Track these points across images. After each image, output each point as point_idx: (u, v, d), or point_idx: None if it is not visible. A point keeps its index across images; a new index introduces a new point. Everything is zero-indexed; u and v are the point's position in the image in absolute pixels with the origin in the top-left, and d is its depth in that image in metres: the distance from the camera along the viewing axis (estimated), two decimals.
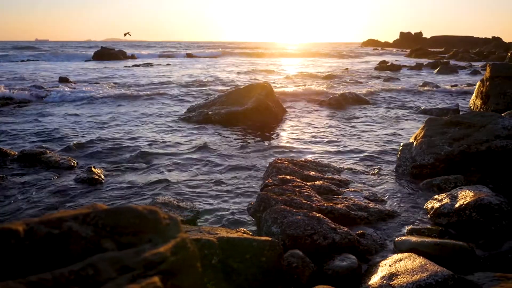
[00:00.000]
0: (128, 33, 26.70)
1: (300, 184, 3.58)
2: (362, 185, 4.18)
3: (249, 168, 4.89)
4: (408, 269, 2.30)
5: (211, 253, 2.09)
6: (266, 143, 6.11)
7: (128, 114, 8.57)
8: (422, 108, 9.16)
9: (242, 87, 8.69)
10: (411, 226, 3.17)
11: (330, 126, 7.41)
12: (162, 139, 6.31)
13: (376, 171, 4.71)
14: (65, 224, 0.76)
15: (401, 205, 3.74)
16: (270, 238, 2.29)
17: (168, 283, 0.75)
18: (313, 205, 3.17)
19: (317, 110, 9.13)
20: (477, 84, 8.96)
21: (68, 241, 0.74)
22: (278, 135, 6.69)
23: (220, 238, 2.17)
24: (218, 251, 2.12)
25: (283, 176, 3.72)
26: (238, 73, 19.95)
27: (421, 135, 4.88)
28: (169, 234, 0.83)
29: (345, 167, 4.73)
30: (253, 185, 4.30)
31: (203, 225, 3.40)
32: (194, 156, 5.40)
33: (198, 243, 2.10)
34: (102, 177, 4.49)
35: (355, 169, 4.69)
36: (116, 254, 0.72)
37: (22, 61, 28.61)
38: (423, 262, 2.32)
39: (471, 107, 9.00)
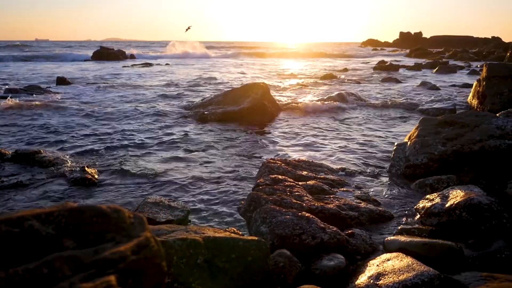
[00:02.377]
0: (189, 27, 26.16)
1: (291, 183, 3.58)
2: (355, 184, 4.18)
3: (242, 168, 4.89)
4: (395, 268, 2.30)
5: (196, 253, 2.09)
6: (261, 143, 6.11)
7: (123, 113, 8.56)
8: (419, 108, 9.16)
9: (238, 87, 8.69)
10: (401, 226, 3.17)
11: (325, 126, 7.40)
12: (157, 138, 6.31)
13: (369, 171, 4.71)
14: (27, 222, 0.76)
15: (393, 205, 3.74)
16: (256, 238, 2.28)
17: (129, 282, 0.75)
18: (304, 204, 3.17)
19: (313, 110, 9.12)
20: (474, 84, 8.97)
21: (28, 240, 0.74)
22: (273, 134, 6.69)
23: (206, 237, 2.17)
24: (203, 251, 2.12)
25: (275, 175, 3.72)
26: (236, 72, 19.96)
27: (415, 135, 4.88)
28: (133, 233, 0.83)
29: (338, 167, 4.73)
30: (246, 185, 4.30)
31: (194, 224, 3.41)
32: (188, 155, 5.40)
33: (184, 242, 2.10)
34: (96, 176, 4.49)
35: (348, 169, 4.69)
36: (74, 253, 0.72)
37: (22, 60, 28.61)
38: (410, 262, 2.32)
39: (468, 107, 9.00)
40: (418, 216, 3.35)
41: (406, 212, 3.55)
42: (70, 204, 0.94)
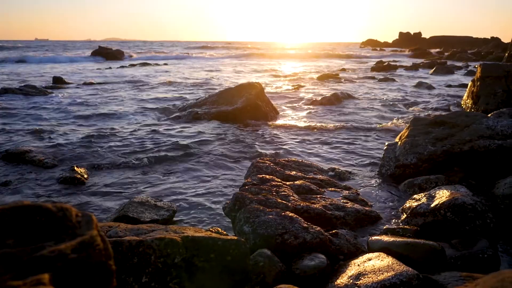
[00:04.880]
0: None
1: (278, 183, 3.57)
2: (344, 185, 4.17)
3: (233, 168, 4.89)
4: (375, 268, 2.30)
5: (174, 252, 2.09)
6: (253, 143, 6.10)
7: (117, 113, 8.54)
8: (412, 107, 9.16)
9: (233, 87, 8.68)
10: (386, 225, 3.17)
11: (318, 125, 7.39)
12: (149, 138, 6.30)
13: (359, 171, 4.71)
14: None
15: (381, 205, 3.74)
16: (236, 237, 2.28)
17: (69, 280, 0.75)
18: (289, 204, 3.16)
19: (308, 110, 9.12)
20: (469, 84, 8.97)
21: None
22: (266, 134, 6.68)
23: (185, 237, 2.16)
24: (181, 250, 2.11)
25: (263, 175, 3.71)
26: (233, 72, 19.97)
27: (405, 134, 4.88)
28: (79, 232, 0.83)
29: (328, 167, 4.72)
30: (235, 185, 4.30)
31: (181, 224, 3.40)
32: (179, 155, 5.39)
33: (161, 242, 2.10)
34: (85, 176, 4.48)
35: (338, 168, 4.68)
36: (9, 251, 0.72)
37: (20, 60, 28.56)
38: (390, 262, 2.32)
39: (462, 107, 9.00)
40: (404, 216, 3.35)
41: (393, 212, 3.55)
42: (25, 202, 0.93)
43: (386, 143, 5.04)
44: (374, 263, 2.37)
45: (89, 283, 0.80)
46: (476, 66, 23.49)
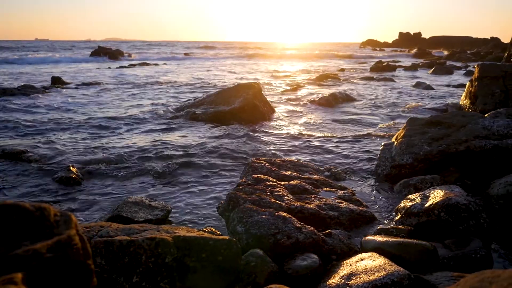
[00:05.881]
0: None
1: (273, 183, 3.57)
2: (339, 185, 4.17)
3: (229, 168, 4.88)
4: (367, 268, 2.30)
5: (165, 252, 2.09)
6: (250, 143, 6.10)
7: (114, 113, 8.54)
8: (409, 107, 9.16)
9: (231, 87, 8.69)
10: (381, 225, 3.17)
11: (316, 126, 7.40)
12: (145, 139, 6.30)
13: (355, 171, 4.71)
14: None
15: (376, 205, 3.74)
16: (227, 237, 2.28)
17: (44, 280, 0.75)
18: (283, 204, 3.16)
19: (306, 110, 9.13)
20: (467, 84, 8.97)
21: None
22: (263, 134, 6.68)
23: (176, 237, 2.16)
24: (172, 250, 2.11)
25: (258, 175, 3.71)
26: (232, 72, 19.98)
27: (401, 134, 4.88)
28: (56, 231, 0.83)
29: (324, 167, 4.72)
30: (231, 185, 4.30)
31: (175, 224, 3.40)
32: (176, 155, 5.38)
33: (152, 242, 2.10)
34: (81, 176, 4.48)
35: (334, 168, 4.68)
36: None
37: (20, 60, 28.54)
38: (382, 262, 2.32)
39: (460, 107, 8.99)
40: (399, 216, 3.35)
41: (388, 212, 3.55)
42: (7, 202, 0.93)
43: (383, 143, 5.04)
44: (366, 263, 2.36)
45: (67, 282, 0.80)
46: (475, 66, 23.43)
